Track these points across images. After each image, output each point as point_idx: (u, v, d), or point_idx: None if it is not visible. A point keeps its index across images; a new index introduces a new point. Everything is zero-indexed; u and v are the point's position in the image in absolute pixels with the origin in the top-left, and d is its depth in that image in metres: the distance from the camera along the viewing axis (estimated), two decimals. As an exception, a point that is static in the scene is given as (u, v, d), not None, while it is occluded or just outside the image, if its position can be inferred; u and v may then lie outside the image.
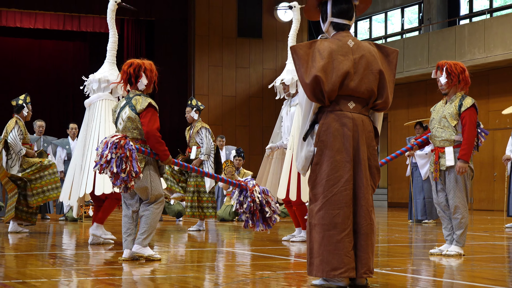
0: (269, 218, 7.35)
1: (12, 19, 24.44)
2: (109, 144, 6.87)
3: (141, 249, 7.13)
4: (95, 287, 5.64)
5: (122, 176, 6.82)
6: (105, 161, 6.85)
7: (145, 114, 7.06)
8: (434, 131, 7.80)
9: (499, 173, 20.19)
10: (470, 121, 7.62)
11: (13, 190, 11.00)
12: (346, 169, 5.33)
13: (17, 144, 10.98)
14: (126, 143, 6.89)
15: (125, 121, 7.14)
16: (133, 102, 7.13)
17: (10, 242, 9.67)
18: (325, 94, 5.32)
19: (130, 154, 6.86)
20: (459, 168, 7.53)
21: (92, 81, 9.29)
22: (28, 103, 11.31)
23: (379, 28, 26.43)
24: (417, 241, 10.15)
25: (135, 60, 7.27)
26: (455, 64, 7.75)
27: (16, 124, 11.05)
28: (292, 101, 9.82)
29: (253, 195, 7.27)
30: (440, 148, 7.73)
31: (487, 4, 22.38)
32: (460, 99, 7.72)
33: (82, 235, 11.00)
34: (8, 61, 26.39)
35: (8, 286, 5.52)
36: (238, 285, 5.80)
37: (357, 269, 5.31)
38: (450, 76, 7.70)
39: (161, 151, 7.06)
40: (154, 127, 7.03)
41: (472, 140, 7.62)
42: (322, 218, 5.31)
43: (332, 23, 5.55)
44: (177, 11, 25.70)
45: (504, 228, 12.74)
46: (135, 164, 6.85)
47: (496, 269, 6.82)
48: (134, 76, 7.20)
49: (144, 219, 7.14)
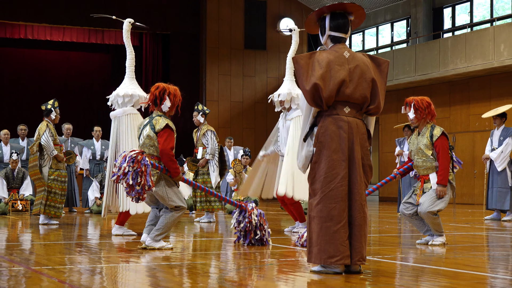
0: (260, 239, 7.65)
1: (42, 33, 24.48)
2: (127, 158, 6.95)
3: (153, 242, 7.17)
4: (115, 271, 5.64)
5: (137, 188, 6.88)
6: (122, 173, 6.92)
7: (162, 134, 7.09)
8: (415, 162, 7.86)
9: (479, 170, 20.15)
10: (443, 148, 7.66)
11: (42, 187, 11.02)
12: (342, 167, 5.33)
13: (49, 146, 10.99)
14: (143, 158, 6.95)
15: (144, 138, 7.19)
16: (153, 122, 7.16)
17: (41, 232, 9.68)
18: (323, 99, 5.32)
19: (145, 169, 6.92)
20: (439, 192, 7.63)
21: (116, 96, 9.29)
22: (56, 107, 11.30)
23: (371, 40, 26.39)
24: (405, 232, 10.12)
25: (161, 84, 7.32)
26: (421, 100, 7.81)
27: (47, 127, 11.05)
28: (288, 115, 9.73)
29: (250, 217, 7.56)
30: (425, 176, 7.78)
31: (467, 19, 22.33)
32: (430, 130, 7.75)
33: (105, 226, 10.99)
34: (40, 71, 26.43)
35: (39, 272, 5.52)
36: (244, 271, 5.78)
37: (351, 257, 5.31)
38: (418, 111, 7.77)
39: (173, 168, 7.08)
40: (168, 146, 7.06)
41: (447, 164, 7.65)
42: (320, 211, 5.31)
43: (330, 36, 5.55)
44: (190, 25, 25.72)
45: (484, 220, 12.71)
46: (148, 178, 6.90)
47: (477, 257, 6.80)
48: (159, 99, 7.24)
49: (162, 219, 7.18)
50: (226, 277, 5.40)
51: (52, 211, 11.04)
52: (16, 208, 13.74)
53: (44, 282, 5.03)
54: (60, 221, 11.59)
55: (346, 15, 5.57)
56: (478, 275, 5.55)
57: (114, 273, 5.70)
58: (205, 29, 25.62)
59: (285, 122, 9.76)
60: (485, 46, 19.50)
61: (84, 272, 5.65)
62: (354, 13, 5.60)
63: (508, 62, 18.85)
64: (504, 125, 12.83)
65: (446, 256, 6.85)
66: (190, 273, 5.69)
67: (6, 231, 10.10)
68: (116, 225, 9.11)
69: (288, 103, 9.73)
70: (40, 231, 9.90)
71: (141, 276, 5.49)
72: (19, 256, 6.71)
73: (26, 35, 24.32)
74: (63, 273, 5.47)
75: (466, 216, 13.99)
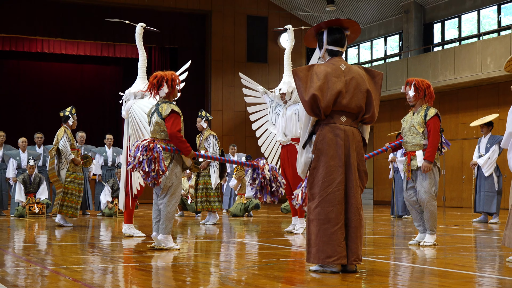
0: (276, 191, 7.45)
1: (58, 47, 24.55)
2: (140, 147, 6.97)
3: (164, 238, 7.17)
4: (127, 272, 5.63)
5: (152, 174, 6.90)
6: (138, 162, 6.94)
7: (169, 119, 7.11)
8: (405, 138, 7.77)
9: (467, 176, 20.12)
10: (435, 128, 7.59)
11: (60, 188, 11.11)
12: (339, 172, 5.33)
13: (67, 150, 11.04)
14: (154, 146, 6.97)
15: (154, 125, 7.21)
16: (159, 109, 7.19)
17: (56, 234, 9.67)
18: (321, 109, 5.32)
19: (157, 155, 6.94)
20: (424, 167, 7.53)
21: (128, 94, 9.22)
22: (74, 114, 11.36)
23: (366, 54, 26.41)
24: (398, 233, 10.10)
25: (159, 72, 7.35)
26: (422, 81, 7.72)
27: (64, 133, 11.13)
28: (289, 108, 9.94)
29: (263, 173, 7.40)
30: (411, 152, 7.71)
31: (456, 34, 22.34)
32: (425, 110, 7.69)
33: (116, 228, 10.99)
34: (55, 82, 26.46)
35: (54, 271, 5.51)
36: (247, 270, 5.77)
37: (348, 257, 5.30)
38: (418, 90, 7.68)
39: (183, 148, 7.10)
40: (175, 129, 7.08)
41: (436, 143, 7.58)
42: (319, 214, 5.31)
43: (327, 50, 5.56)
44: (196, 40, 25.78)
45: (472, 222, 12.68)
46: (162, 163, 6.93)
47: (465, 257, 6.78)
48: (157, 86, 7.25)
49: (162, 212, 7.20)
50: (230, 276, 5.40)
51: (69, 211, 11.10)
52: (33, 211, 13.76)
53: (59, 281, 5.03)
54: (74, 223, 11.59)
55: (343, 30, 5.58)
56: (466, 274, 5.54)
57: (124, 273, 5.70)
58: (210, 44, 25.65)
59: (285, 112, 9.92)
60: (473, 59, 19.50)
61: (97, 271, 5.65)
62: (350, 28, 5.61)
63: (495, 74, 18.84)
64: (490, 133, 12.82)
65: (436, 256, 6.83)
66: (194, 272, 5.68)
67: (24, 233, 10.10)
68: (125, 224, 9.08)
69: (289, 95, 9.95)
70: (56, 232, 9.89)
71: (149, 275, 5.48)
72: (35, 256, 6.71)
73: (42, 49, 24.39)
74: (77, 273, 5.47)
75: (455, 219, 13.96)
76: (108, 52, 25.11)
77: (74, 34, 24.09)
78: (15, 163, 14.48)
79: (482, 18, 21.68)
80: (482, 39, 20.20)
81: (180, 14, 25.36)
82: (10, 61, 25.84)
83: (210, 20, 25.61)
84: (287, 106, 9.97)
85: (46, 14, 23.64)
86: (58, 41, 24.37)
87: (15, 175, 14.43)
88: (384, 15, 24.76)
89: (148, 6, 24.55)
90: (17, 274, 5.41)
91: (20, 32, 23.49)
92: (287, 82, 10.04)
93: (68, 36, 24.04)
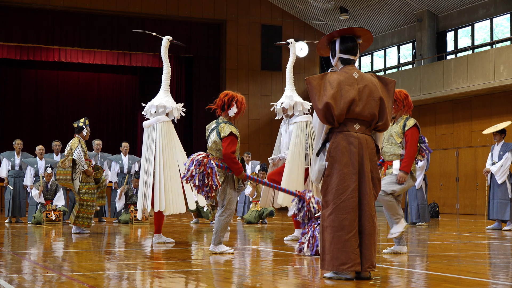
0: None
1: (75, 56, 24.69)
2: (194, 161, 7.17)
3: (214, 248, 7.48)
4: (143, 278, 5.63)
5: (206, 189, 7.12)
6: (190, 175, 7.14)
7: (226, 140, 7.30)
8: (384, 148, 7.63)
9: (480, 183, 20.02)
10: (412, 139, 7.47)
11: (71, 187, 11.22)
12: (353, 180, 5.32)
13: (81, 160, 11.05)
14: (208, 162, 7.15)
15: (211, 143, 7.40)
16: (219, 129, 7.37)
17: (73, 241, 9.70)
18: (335, 117, 5.31)
19: (211, 171, 7.13)
20: (399, 177, 7.34)
21: (151, 106, 9.24)
22: (87, 125, 11.37)
23: (379, 62, 26.36)
24: (412, 241, 10.05)
25: (230, 91, 7.55)
26: (399, 92, 7.65)
27: (79, 143, 11.13)
28: (290, 121, 9.87)
29: (309, 206, 7.47)
30: (389, 162, 7.57)
31: (469, 42, 22.26)
32: (404, 120, 7.61)
33: (132, 235, 11.01)
34: (72, 91, 26.56)
35: (71, 278, 5.52)
36: (262, 277, 5.77)
37: (362, 264, 5.28)
38: (396, 102, 7.61)
39: (235, 169, 7.29)
40: (230, 151, 7.25)
41: (413, 154, 7.45)
42: (333, 221, 5.30)
43: (340, 58, 5.56)
44: (211, 49, 25.84)
45: (485, 229, 12.61)
46: (215, 179, 7.12)
47: (479, 264, 6.74)
48: (227, 104, 7.45)
49: (215, 225, 7.50)
50: (244, 283, 5.39)
51: (85, 222, 11.13)
52: (50, 218, 13.83)
53: (75, 287, 5.04)
54: (90, 230, 11.63)
55: (355, 39, 5.58)
56: (480, 281, 5.50)
57: (140, 279, 5.70)
58: (224, 52, 25.71)
59: (287, 128, 9.85)
60: (486, 67, 19.42)
61: (113, 278, 5.66)
62: (362, 37, 5.61)
63: (508, 82, 18.76)
64: (503, 140, 12.77)
65: (450, 263, 6.80)
66: (209, 279, 5.68)
67: (41, 240, 10.14)
68: (155, 234, 9.09)
69: (291, 110, 9.88)
70: (72, 239, 9.93)
71: (165, 282, 5.49)
72: (52, 263, 6.73)
73: (59, 58, 24.53)
74: (93, 279, 5.48)
75: (469, 226, 13.88)
76: (124, 61, 25.22)
77: (92, 44, 24.22)
78: (32, 171, 14.57)
79: (495, 26, 21.60)
80: (495, 47, 20.13)
81: (195, 23, 25.44)
82: (28, 70, 26.00)
83: (225, 29, 25.67)
84: (290, 122, 9.84)
85: (64, 23, 23.79)
86: (75, 50, 24.51)
87: (33, 182, 14.52)
88: (397, 24, 24.72)
89: (164, 15, 24.64)
90: (34, 281, 5.43)
91: (38, 42, 23.65)
92: (289, 96, 9.91)
93: (85, 45, 24.18)
